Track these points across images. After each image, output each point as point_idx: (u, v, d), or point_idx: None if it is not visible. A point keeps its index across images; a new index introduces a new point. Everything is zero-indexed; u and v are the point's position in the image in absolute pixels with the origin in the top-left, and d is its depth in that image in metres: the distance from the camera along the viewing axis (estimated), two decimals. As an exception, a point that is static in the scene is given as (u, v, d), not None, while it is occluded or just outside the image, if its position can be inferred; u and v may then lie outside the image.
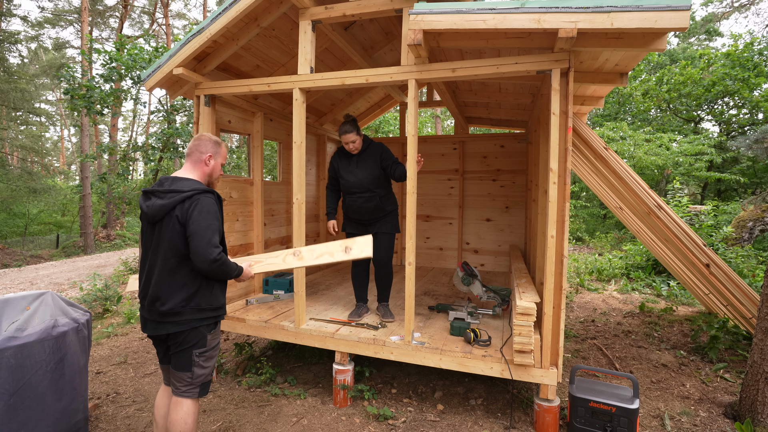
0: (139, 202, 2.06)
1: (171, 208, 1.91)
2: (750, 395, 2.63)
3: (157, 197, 1.96)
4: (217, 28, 3.04)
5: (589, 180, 4.15)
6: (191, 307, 1.96)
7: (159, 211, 1.93)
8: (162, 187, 1.97)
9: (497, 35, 2.55)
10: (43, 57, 24.04)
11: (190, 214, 1.89)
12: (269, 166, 14.69)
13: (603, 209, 13.89)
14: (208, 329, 2.04)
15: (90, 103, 6.89)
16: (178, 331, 1.96)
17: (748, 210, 7.30)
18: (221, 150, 2.16)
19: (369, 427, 2.71)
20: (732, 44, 11.59)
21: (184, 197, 1.92)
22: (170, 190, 1.95)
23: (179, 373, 2.01)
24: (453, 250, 5.85)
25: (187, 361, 1.99)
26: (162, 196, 1.95)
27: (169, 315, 1.94)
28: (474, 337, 2.81)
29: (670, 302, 5.66)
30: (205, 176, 2.12)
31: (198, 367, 2.02)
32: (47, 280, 7.99)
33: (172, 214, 1.91)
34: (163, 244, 1.95)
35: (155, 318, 1.96)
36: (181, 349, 1.99)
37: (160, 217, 1.94)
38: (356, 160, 3.34)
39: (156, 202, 1.94)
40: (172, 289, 1.93)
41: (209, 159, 2.10)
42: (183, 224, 1.91)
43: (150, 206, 1.96)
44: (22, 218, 14.98)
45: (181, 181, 1.98)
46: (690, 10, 2.04)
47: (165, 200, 1.92)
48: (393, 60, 4.99)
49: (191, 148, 2.10)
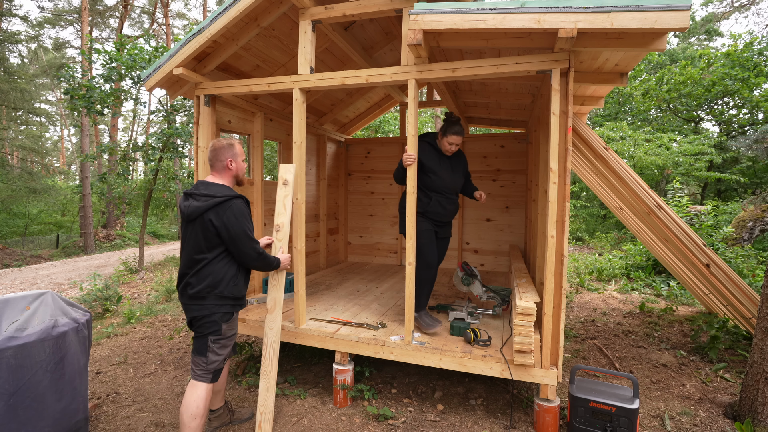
0: (179, 202, 2.39)
1: (205, 210, 2.18)
2: (750, 395, 2.63)
3: (194, 199, 2.22)
4: (217, 28, 3.04)
5: (589, 180, 4.15)
6: (215, 294, 2.22)
7: (194, 211, 2.19)
8: (198, 191, 2.23)
9: (497, 35, 2.55)
10: (43, 57, 24.04)
11: (228, 219, 2.17)
12: (269, 166, 14.69)
13: (603, 209, 13.89)
14: (224, 318, 2.27)
15: (90, 103, 6.89)
16: (199, 315, 2.23)
17: (748, 210, 7.30)
18: (237, 149, 2.38)
19: (369, 427, 2.71)
20: (732, 44, 11.59)
21: (217, 201, 2.18)
22: (205, 194, 2.21)
23: (196, 358, 2.27)
24: (453, 250, 5.85)
25: (203, 346, 2.25)
26: (198, 198, 2.21)
27: (195, 298, 2.22)
28: (474, 337, 2.81)
29: (670, 302, 5.66)
30: (232, 178, 2.40)
31: (212, 353, 2.26)
32: (47, 280, 7.99)
33: (205, 216, 2.18)
34: (191, 239, 2.24)
35: (185, 301, 2.25)
36: (199, 334, 2.26)
37: (195, 217, 2.21)
38: (449, 162, 3.17)
39: (192, 203, 2.21)
40: (199, 277, 2.22)
41: (230, 163, 2.35)
42: (216, 227, 2.18)
43: (187, 206, 2.22)
44: (22, 218, 14.98)
45: (214, 186, 2.26)
46: (690, 10, 2.04)
47: (200, 203, 2.19)
48: (393, 60, 4.99)
49: (211, 158, 2.36)
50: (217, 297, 2.23)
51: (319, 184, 5.62)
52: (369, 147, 6.27)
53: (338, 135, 6.13)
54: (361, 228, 6.34)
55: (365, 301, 3.93)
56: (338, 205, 6.29)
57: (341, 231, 6.31)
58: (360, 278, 5.05)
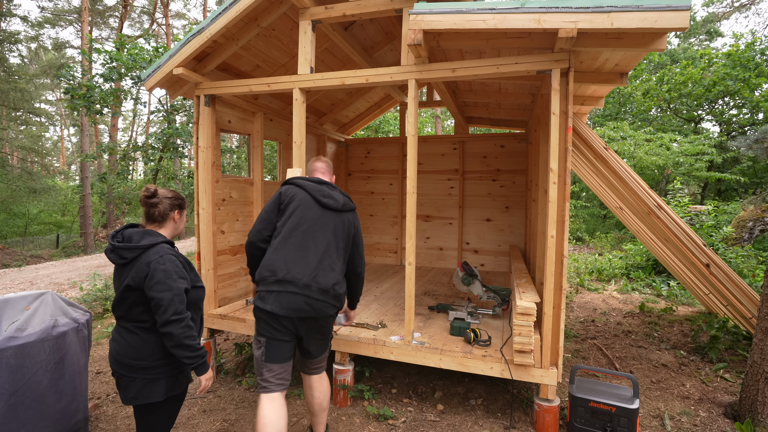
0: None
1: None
2: (750, 395, 2.63)
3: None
4: (217, 28, 3.04)
5: (589, 180, 4.15)
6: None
7: None
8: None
9: (497, 35, 2.55)
10: (43, 57, 24.05)
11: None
12: (269, 166, 14.69)
13: (603, 209, 13.88)
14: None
15: (90, 103, 6.89)
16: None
17: (748, 210, 7.30)
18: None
19: (369, 427, 2.71)
20: (733, 44, 11.58)
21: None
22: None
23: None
24: (453, 250, 5.85)
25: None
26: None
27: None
28: (474, 337, 2.81)
29: (670, 302, 5.66)
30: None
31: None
32: (47, 280, 7.99)
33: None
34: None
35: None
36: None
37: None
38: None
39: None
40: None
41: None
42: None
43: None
44: (22, 218, 14.98)
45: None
46: (690, 10, 2.04)
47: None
48: (393, 60, 4.99)
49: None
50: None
51: (319, 184, 5.61)
52: (369, 147, 6.27)
53: (338, 135, 6.13)
54: (362, 228, 6.33)
55: (365, 301, 3.93)
56: (338, 205, 6.28)
57: (341, 231, 6.30)
58: (360, 278, 5.04)
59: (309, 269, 2.10)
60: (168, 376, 1.78)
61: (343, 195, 2.33)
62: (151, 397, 1.74)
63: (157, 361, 1.74)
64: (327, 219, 2.22)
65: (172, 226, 1.89)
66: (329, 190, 2.27)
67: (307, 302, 2.08)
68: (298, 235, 2.14)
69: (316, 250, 2.15)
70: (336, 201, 2.24)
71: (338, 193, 2.30)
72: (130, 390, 1.72)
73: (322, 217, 2.21)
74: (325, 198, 2.22)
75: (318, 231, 2.18)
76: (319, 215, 2.20)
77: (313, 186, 2.24)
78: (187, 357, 1.71)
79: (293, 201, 2.19)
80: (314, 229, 2.18)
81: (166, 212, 1.84)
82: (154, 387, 1.74)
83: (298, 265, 2.09)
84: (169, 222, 1.87)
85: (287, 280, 2.06)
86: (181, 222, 1.94)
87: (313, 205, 2.21)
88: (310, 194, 2.22)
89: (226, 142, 21.37)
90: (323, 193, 2.22)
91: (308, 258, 2.12)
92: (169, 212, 1.85)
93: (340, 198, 2.27)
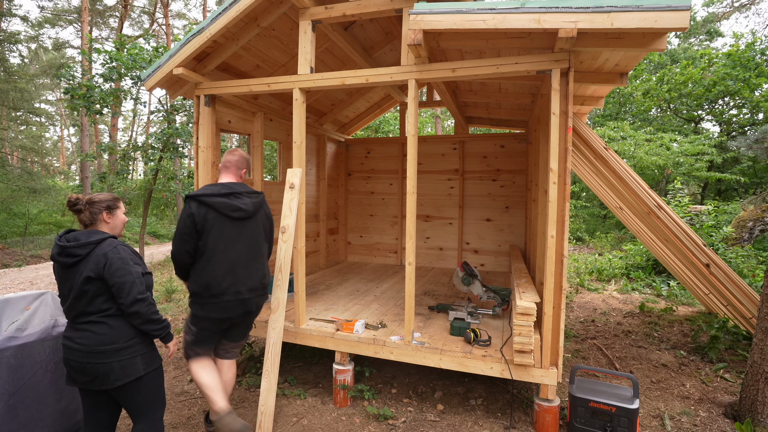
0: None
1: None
2: (750, 395, 2.63)
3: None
4: (217, 28, 3.04)
5: (589, 180, 4.15)
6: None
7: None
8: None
9: (497, 35, 2.55)
10: (43, 57, 24.04)
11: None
12: (269, 166, 14.68)
13: (603, 209, 13.88)
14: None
15: (90, 103, 6.88)
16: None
17: (748, 210, 7.30)
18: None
19: (369, 427, 2.71)
20: (733, 44, 11.58)
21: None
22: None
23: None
24: (453, 250, 5.85)
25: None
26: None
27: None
28: (474, 337, 2.81)
29: (670, 302, 5.66)
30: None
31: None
32: (47, 280, 7.99)
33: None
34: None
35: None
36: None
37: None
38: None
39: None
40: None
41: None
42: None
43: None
44: (22, 218, 14.96)
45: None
46: (690, 10, 2.04)
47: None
48: (393, 60, 4.99)
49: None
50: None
51: (319, 184, 5.62)
52: (369, 147, 6.27)
53: (338, 135, 6.13)
54: (361, 228, 6.34)
55: (365, 301, 3.93)
56: (338, 205, 6.30)
57: (341, 231, 6.31)
58: (360, 278, 5.05)
59: (238, 278, 2.32)
60: (142, 354, 1.93)
61: (251, 195, 2.40)
62: (132, 374, 1.87)
63: (130, 340, 1.88)
64: (243, 228, 2.36)
65: (105, 226, 1.98)
66: (236, 201, 2.32)
67: (244, 304, 2.36)
68: (219, 252, 2.28)
69: (240, 261, 2.33)
70: (246, 210, 2.35)
71: (246, 198, 2.36)
72: (110, 375, 1.83)
73: (238, 228, 2.34)
74: (236, 212, 2.31)
75: (238, 242, 2.34)
76: (234, 228, 2.33)
77: (220, 203, 2.28)
78: (155, 330, 1.93)
79: (207, 222, 2.27)
80: (234, 243, 2.32)
81: (95, 215, 1.95)
82: (132, 364, 1.88)
83: (227, 278, 2.28)
84: (101, 223, 1.97)
85: (220, 293, 2.27)
86: (116, 221, 2.02)
87: (226, 221, 2.31)
88: (219, 213, 2.29)
89: (226, 142, 21.36)
90: (232, 208, 2.30)
91: (235, 270, 2.32)
92: (97, 215, 1.95)
93: (250, 204, 2.37)
